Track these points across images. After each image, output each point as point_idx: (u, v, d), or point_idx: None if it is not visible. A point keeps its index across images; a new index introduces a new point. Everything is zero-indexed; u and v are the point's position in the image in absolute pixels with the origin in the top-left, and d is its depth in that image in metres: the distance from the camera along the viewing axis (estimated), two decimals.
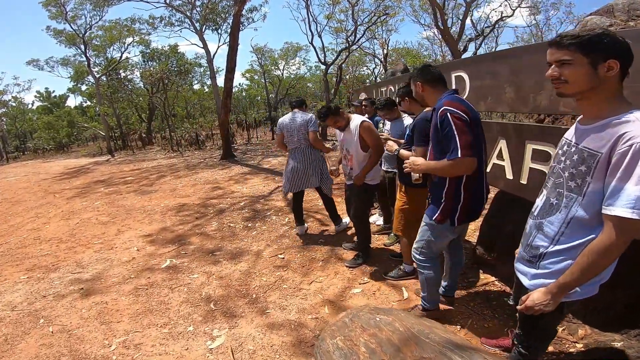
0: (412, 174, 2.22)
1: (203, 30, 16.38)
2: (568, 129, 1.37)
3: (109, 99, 20.54)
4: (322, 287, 3.10)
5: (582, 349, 2.04)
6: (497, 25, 17.67)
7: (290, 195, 4.79)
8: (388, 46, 20.53)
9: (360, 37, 15.64)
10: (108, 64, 19.91)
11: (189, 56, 29.63)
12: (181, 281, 3.37)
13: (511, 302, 1.86)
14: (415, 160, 2.13)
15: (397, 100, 2.97)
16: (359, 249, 3.50)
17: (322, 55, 15.55)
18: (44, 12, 16.45)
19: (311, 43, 15.35)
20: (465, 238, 3.81)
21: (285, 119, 3.96)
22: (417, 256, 2.28)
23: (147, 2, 15.02)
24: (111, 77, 21.38)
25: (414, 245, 2.29)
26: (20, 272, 3.91)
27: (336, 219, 4.20)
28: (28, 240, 4.99)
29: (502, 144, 2.47)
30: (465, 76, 2.87)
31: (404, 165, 2.23)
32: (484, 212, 2.84)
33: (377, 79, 25.89)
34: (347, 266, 3.37)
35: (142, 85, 23.40)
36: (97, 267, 3.86)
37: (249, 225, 4.78)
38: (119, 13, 73.88)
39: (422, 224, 2.22)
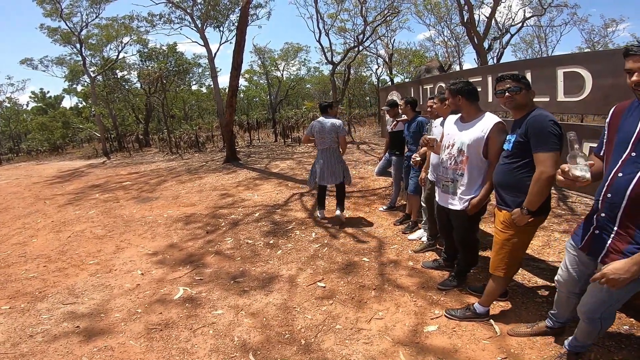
0: (578, 174, 1.48)
1: (204, 27, 15.70)
2: None
3: (104, 100, 19.80)
4: (385, 325, 2.45)
5: None
6: (525, 23, 17.21)
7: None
8: (393, 46, 19.99)
9: (370, 36, 15.07)
10: (104, 63, 19.13)
11: (188, 56, 28.91)
12: (203, 319, 2.68)
13: None
14: None
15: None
16: (456, 271, 2.93)
17: (330, 54, 14.94)
18: (39, 10, 15.73)
19: (318, 41, 14.76)
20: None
21: (316, 124, 4.48)
22: (600, 314, 1.71)
23: None
24: (107, 77, 20.64)
25: (594, 307, 1.68)
26: (0, 300, 3.21)
27: (342, 207, 4.67)
28: (12, 258, 4.27)
29: None
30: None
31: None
32: None
33: (379, 81, 25.39)
34: (439, 288, 2.87)
35: (139, 86, 22.68)
36: (95, 296, 3.16)
37: (271, 242, 4.09)
38: (117, 10, 71.93)
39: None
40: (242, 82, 29.57)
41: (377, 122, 19.83)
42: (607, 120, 1.60)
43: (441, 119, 3.19)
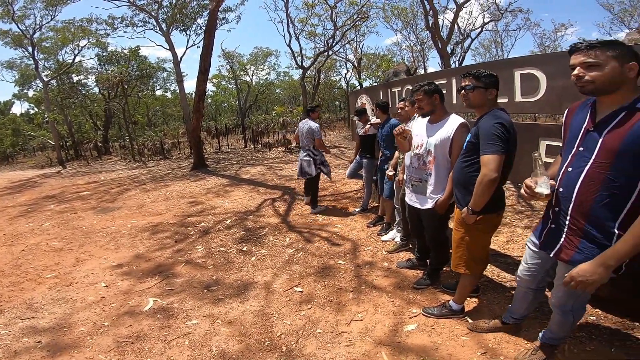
0: (539, 190, 1.57)
1: (170, 31, 15.30)
2: None
3: (59, 105, 18.73)
4: (366, 326, 2.47)
5: None
6: (484, 28, 18.12)
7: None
8: (361, 51, 20.42)
9: (339, 40, 15.31)
10: (59, 67, 18.15)
11: (152, 60, 28.01)
12: (177, 330, 2.58)
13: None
14: None
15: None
16: (429, 269, 3.01)
17: (300, 58, 15.05)
18: None
19: (289, 45, 14.82)
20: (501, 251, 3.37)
21: (300, 124, 5.34)
22: (570, 306, 1.77)
23: (108, 1, 13.76)
24: (62, 82, 19.57)
25: (559, 301, 1.75)
26: None
27: (315, 204, 5.33)
28: None
29: None
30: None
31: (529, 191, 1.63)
32: None
33: (349, 85, 25.83)
34: (415, 287, 2.93)
35: (97, 91, 21.69)
36: (55, 310, 2.97)
37: (244, 249, 4.03)
38: (74, 13, 68.81)
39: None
40: (210, 86, 29.06)
41: (347, 126, 20.11)
42: (563, 120, 1.71)
43: (412, 122, 3.30)
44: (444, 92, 2.69)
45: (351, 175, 5.17)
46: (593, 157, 1.44)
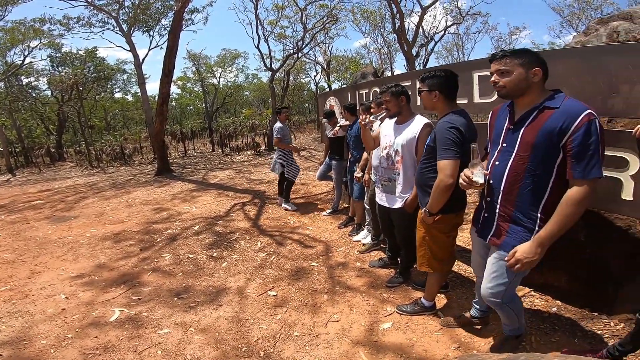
0: (475, 179, 1.70)
1: (131, 32, 14.72)
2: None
3: (7, 109, 17.51)
4: (342, 327, 2.49)
5: None
6: (447, 31, 18.83)
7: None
8: (330, 53, 20.66)
9: (309, 43, 15.39)
10: (7, 69, 16.98)
11: (110, 61, 26.83)
12: (148, 340, 2.48)
13: None
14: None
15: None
16: (400, 268, 3.08)
17: (269, 61, 14.96)
18: None
19: (257, 47, 14.66)
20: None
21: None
22: (498, 300, 1.82)
23: (64, 1, 13.02)
24: (10, 84, 18.31)
25: (492, 291, 1.81)
26: None
27: (287, 199, 5.56)
28: None
29: None
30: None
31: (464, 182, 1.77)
32: None
33: (318, 87, 26.03)
34: (387, 285, 3.01)
35: (49, 93, 20.50)
36: (12, 323, 2.78)
37: (215, 254, 3.94)
38: (26, 12, 64.74)
39: (498, 261, 1.76)
40: (175, 89, 28.32)
41: (316, 128, 20.23)
42: (488, 122, 1.89)
43: (378, 123, 3.36)
44: (410, 93, 2.78)
45: (321, 177, 5.22)
46: (515, 151, 1.64)
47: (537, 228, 1.62)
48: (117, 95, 27.00)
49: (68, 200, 7.66)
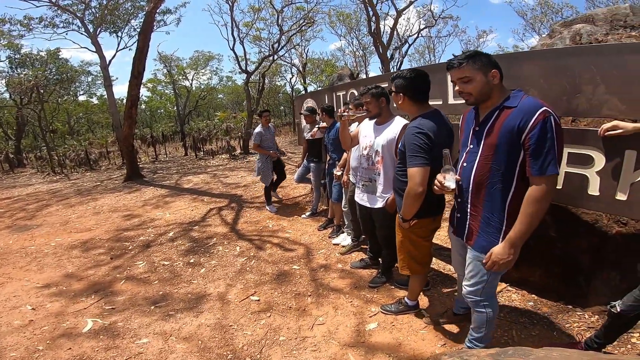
0: (447, 184, 1.76)
1: (97, 33, 14.22)
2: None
3: None
4: (328, 329, 2.50)
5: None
6: (420, 34, 19.34)
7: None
8: (306, 56, 20.76)
9: (285, 45, 15.39)
10: None
11: (74, 63, 25.74)
12: (127, 350, 2.40)
13: None
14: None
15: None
16: (382, 268, 3.13)
17: (244, 63, 14.84)
18: None
19: (232, 49, 14.51)
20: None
21: None
22: (477, 297, 1.86)
23: (26, 1, 12.41)
24: None
25: (472, 289, 1.85)
26: None
27: (269, 202, 5.68)
28: None
29: None
30: None
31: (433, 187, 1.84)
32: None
33: (294, 90, 26.07)
34: (370, 286, 3.05)
35: (7, 96, 19.46)
36: None
37: (192, 261, 3.86)
38: None
39: (473, 260, 1.81)
40: (144, 92, 27.56)
41: (292, 131, 20.23)
42: (459, 125, 1.94)
43: (356, 124, 3.41)
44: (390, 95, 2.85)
45: (299, 180, 5.23)
46: (480, 151, 1.69)
47: (504, 227, 1.66)
48: (81, 98, 26.05)
49: (29, 208, 7.28)
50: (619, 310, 1.75)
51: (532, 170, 1.53)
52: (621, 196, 1.91)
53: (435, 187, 1.82)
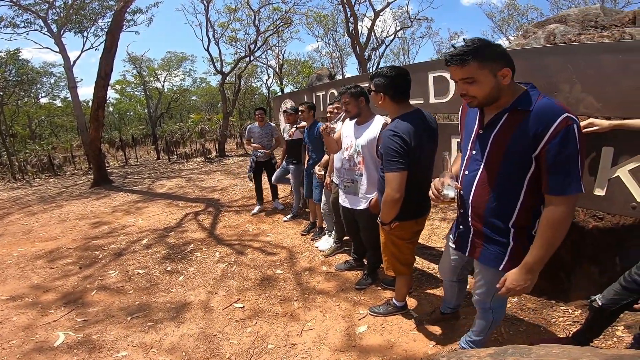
0: (445, 192, 1.62)
1: (62, 33, 13.64)
2: None
3: None
4: (318, 335, 2.46)
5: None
6: (397, 35, 19.71)
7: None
8: (283, 57, 20.73)
9: (261, 45, 15.31)
10: None
11: (36, 64, 24.51)
12: None
13: None
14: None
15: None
16: (367, 269, 3.13)
17: (220, 64, 14.65)
18: None
19: (207, 49, 14.27)
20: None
21: None
22: (487, 305, 1.81)
23: None
24: None
25: (479, 298, 1.80)
26: None
27: (261, 202, 5.68)
28: None
29: None
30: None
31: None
32: None
33: (270, 91, 25.96)
34: (357, 288, 3.04)
35: None
36: None
37: (169, 268, 3.73)
38: None
39: (481, 271, 1.72)
40: (113, 93, 26.68)
41: None
42: (459, 118, 1.74)
43: (340, 123, 3.42)
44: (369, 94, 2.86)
45: (277, 180, 5.13)
46: (484, 160, 1.49)
47: (512, 242, 1.51)
48: (44, 100, 24.94)
49: None
50: (600, 304, 1.80)
51: (551, 189, 1.32)
52: (599, 192, 1.99)
53: (431, 194, 1.67)
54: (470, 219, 1.62)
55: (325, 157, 3.76)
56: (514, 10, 18.63)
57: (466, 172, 1.59)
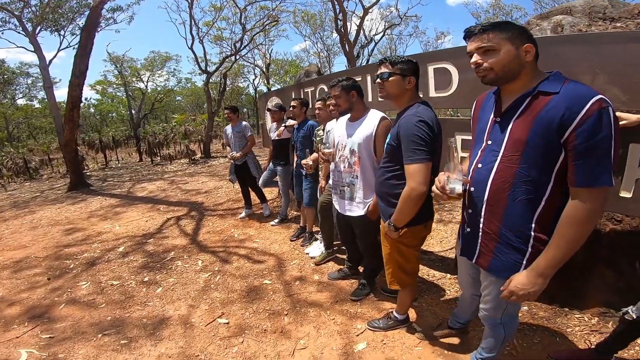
0: (451, 186, 1.43)
1: (37, 32, 13.17)
2: None
3: None
4: (312, 354, 2.21)
5: None
6: (385, 33, 19.72)
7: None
8: (270, 56, 20.47)
9: (248, 44, 15.04)
10: None
11: (12, 64, 23.63)
12: None
13: None
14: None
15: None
16: (365, 277, 2.88)
17: (204, 63, 14.29)
18: None
19: (191, 48, 13.93)
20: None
21: None
22: (496, 320, 1.63)
23: None
24: None
25: (490, 313, 1.62)
26: None
27: (249, 206, 5.42)
28: None
29: None
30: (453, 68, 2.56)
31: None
32: None
33: (257, 91, 25.68)
34: (352, 299, 2.79)
35: None
36: None
37: (146, 279, 3.43)
38: None
39: (490, 284, 1.54)
40: (94, 94, 26.07)
41: (257, 133, 19.81)
42: (472, 113, 1.61)
43: (334, 121, 3.14)
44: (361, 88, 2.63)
45: (264, 184, 4.85)
46: (502, 150, 1.34)
47: (530, 249, 1.33)
48: (20, 101, 24.19)
49: None
50: (634, 317, 1.63)
51: (577, 179, 1.18)
52: (625, 193, 1.80)
53: (435, 190, 1.49)
54: (481, 221, 1.43)
55: (314, 155, 3.50)
56: (498, 10, 18.91)
57: (479, 166, 1.41)
